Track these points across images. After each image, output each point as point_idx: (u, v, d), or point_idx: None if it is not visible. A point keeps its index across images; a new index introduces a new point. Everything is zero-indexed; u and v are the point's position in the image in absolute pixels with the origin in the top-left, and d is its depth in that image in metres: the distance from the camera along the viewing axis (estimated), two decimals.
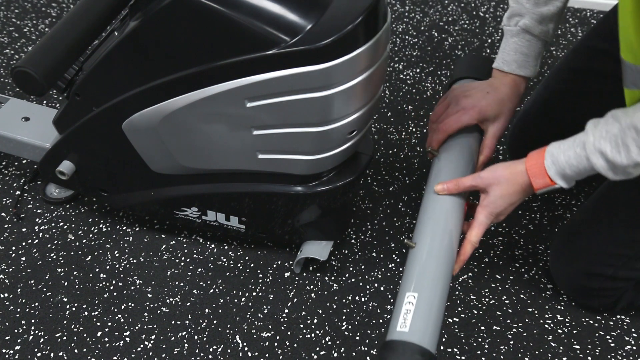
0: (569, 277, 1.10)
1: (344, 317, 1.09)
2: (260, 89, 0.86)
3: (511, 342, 1.07)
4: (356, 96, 0.89)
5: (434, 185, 0.94)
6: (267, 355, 1.04)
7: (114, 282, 1.13)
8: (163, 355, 1.02)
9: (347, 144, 0.96)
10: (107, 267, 1.15)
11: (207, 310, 1.09)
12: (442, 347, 1.05)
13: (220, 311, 1.09)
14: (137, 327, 1.06)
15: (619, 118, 0.81)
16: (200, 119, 0.93)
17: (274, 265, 1.17)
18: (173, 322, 1.07)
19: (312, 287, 1.14)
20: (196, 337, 1.05)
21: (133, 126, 0.98)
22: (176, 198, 1.08)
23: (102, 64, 0.95)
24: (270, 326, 1.08)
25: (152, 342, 1.04)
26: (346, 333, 1.07)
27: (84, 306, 1.09)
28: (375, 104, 0.95)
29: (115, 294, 1.11)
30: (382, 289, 1.14)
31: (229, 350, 1.04)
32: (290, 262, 1.17)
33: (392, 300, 1.12)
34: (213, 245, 1.20)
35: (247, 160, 0.97)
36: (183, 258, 1.17)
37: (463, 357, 1.04)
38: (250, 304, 1.11)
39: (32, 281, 1.12)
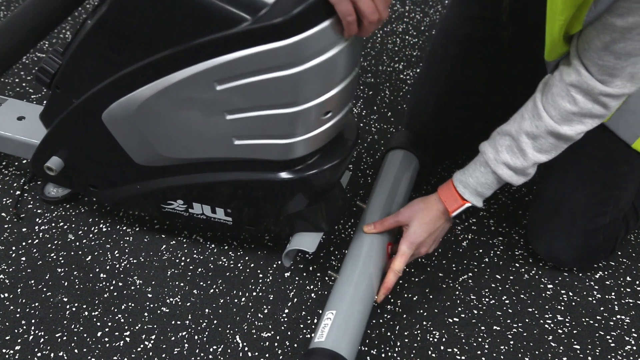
0: (572, 248, 1.12)
1: None
2: (227, 70, 0.84)
3: (511, 342, 1.07)
4: (327, 73, 0.86)
5: (362, 227, 1.09)
6: (267, 355, 1.04)
7: (114, 282, 1.13)
8: (163, 355, 1.02)
9: (324, 126, 0.93)
10: (107, 267, 1.15)
11: (207, 310, 1.09)
12: (442, 347, 1.05)
13: (220, 311, 1.09)
14: (137, 327, 1.06)
15: (506, 131, 0.95)
16: (174, 106, 0.92)
17: (274, 265, 1.17)
18: (173, 322, 1.07)
19: (312, 287, 1.14)
20: (196, 337, 1.05)
21: (112, 116, 0.97)
22: (161, 191, 1.07)
23: (76, 54, 0.94)
24: (270, 326, 1.08)
25: (152, 342, 1.04)
26: None
27: (84, 306, 1.09)
28: (351, 84, 0.92)
29: (115, 294, 1.11)
30: None
31: (229, 350, 1.04)
32: (290, 262, 1.17)
33: (392, 300, 1.12)
34: (213, 245, 1.20)
35: (224, 147, 0.96)
36: (183, 258, 1.17)
37: (463, 357, 1.04)
38: (250, 304, 1.11)
39: (32, 281, 1.12)
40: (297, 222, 1.07)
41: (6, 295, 1.10)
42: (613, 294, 1.16)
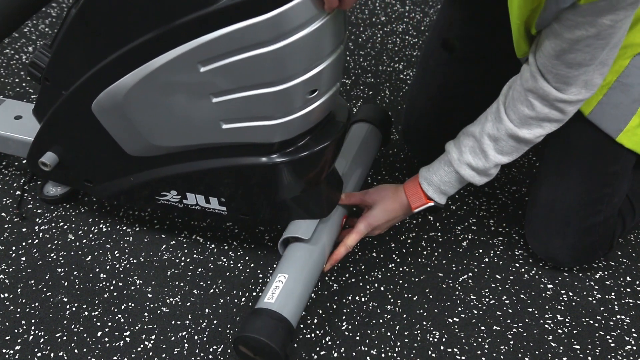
0: (569, 247, 1.13)
1: (344, 317, 1.09)
2: (210, 50, 0.83)
3: (511, 342, 1.07)
4: (310, 49, 0.85)
5: None
6: None
7: (114, 282, 1.13)
8: (163, 355, 1.03)
9: (311, 106, 0.92)
10: (107, 267, 1.15)
11: (207, 310, 1.09)
12: (442, 347, 1.06)
13: (220, 311, 1.09)
14: (137, 327, 1.06)
15: (471, 132, 0.98)
16: (160, 91, 0.91)
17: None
18: (173, 322, 1.07)
19: None
20: (196, 337, 1.05)
21: (101, 107, 0.97)
22: (154, 182, 1.07)
23: (62, 45, 0.94)
24: None
25: (152, 342, 1.04)
26: (346, 333, 1.07)
27: (84, 306, 1.09)
28: (337, 61, 0.91)
29: (115, 294, 1.11)
30: (382, 289, 1.14)
31: (228, 350, 1.04)
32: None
33: (392, 300, 1.12)
34: (213, 245, 1.20)
35: (212, 133, 0.95)
36: (183, 258, 1.17)
37: (463, 357, 1.04)
38: (250, 304, 1.11)
39: (32, 281, 1.12)
40: (292, 210, 1.06)
41: (6, 295, 1.10)
42: (613, 294, 1.16)
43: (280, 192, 1.03)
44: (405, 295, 1.13)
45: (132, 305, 1.09)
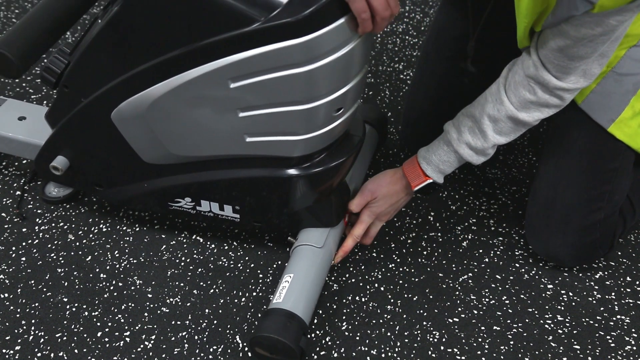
0: (569, 245, 1.13)
1: (344, 317, 1.09)
2: (242, 68, 0.84)
3: (511, 342, 1.07)
4: (340, 70, 0.87)
5: None
6: None
7: (114, 282, 1.13)
8: (163, 355, 1.02)
9: (335, 123, 0.94)
10: (107, 267, 1.15)
11: (207, 310, 1.09)
12: (442, 347, 1.05)
13: (220, 311, 1.09)
14: (137, 327, 1.06)
15: (470, 113, 1.00)
16: (187, 104, 0.92)
17: (274, 265, 1.17)
18: (173, 322, 1.07)
19: None
20: (196, 337, 1.05)
21: (121, 115, 0.97)
22: (169, 189, 1.07)
23: (87, 53, 0.95)
24: None
25: (152, 342, 1.04)
26: (346, 333, 1.07)
27: (84, 306, 1.09)
28: (362, 81, 0.93)
29: (115, 294, 1.11)
30: (382, 289, 1.14)
31: (229, 351, 1.04)
32: None
33: (392, 301, 1.12)
34: (213, 246, 1.20)
35: (235, 145, 0.96)
36: (183, 258, 1.17)
37: (463, 357, 1.04)
38: (250, 304, 1.11)
39: (32, 281, 1.12)
40: (304, 218, 1.08)
41: (6, 295, 1.10)
42: (613, 294, 1.16)
43: (294, 203, 1.04)
44: (405, 295, 1.13)
45: (132, 305, 1.09)
